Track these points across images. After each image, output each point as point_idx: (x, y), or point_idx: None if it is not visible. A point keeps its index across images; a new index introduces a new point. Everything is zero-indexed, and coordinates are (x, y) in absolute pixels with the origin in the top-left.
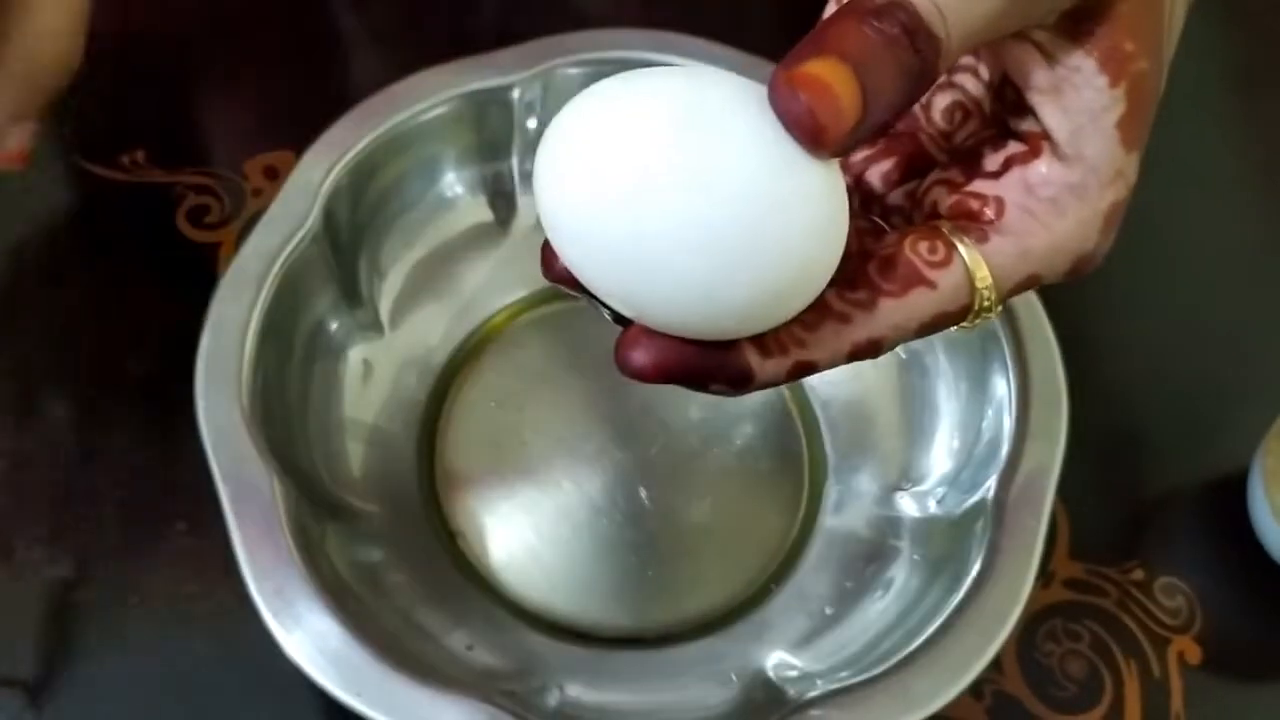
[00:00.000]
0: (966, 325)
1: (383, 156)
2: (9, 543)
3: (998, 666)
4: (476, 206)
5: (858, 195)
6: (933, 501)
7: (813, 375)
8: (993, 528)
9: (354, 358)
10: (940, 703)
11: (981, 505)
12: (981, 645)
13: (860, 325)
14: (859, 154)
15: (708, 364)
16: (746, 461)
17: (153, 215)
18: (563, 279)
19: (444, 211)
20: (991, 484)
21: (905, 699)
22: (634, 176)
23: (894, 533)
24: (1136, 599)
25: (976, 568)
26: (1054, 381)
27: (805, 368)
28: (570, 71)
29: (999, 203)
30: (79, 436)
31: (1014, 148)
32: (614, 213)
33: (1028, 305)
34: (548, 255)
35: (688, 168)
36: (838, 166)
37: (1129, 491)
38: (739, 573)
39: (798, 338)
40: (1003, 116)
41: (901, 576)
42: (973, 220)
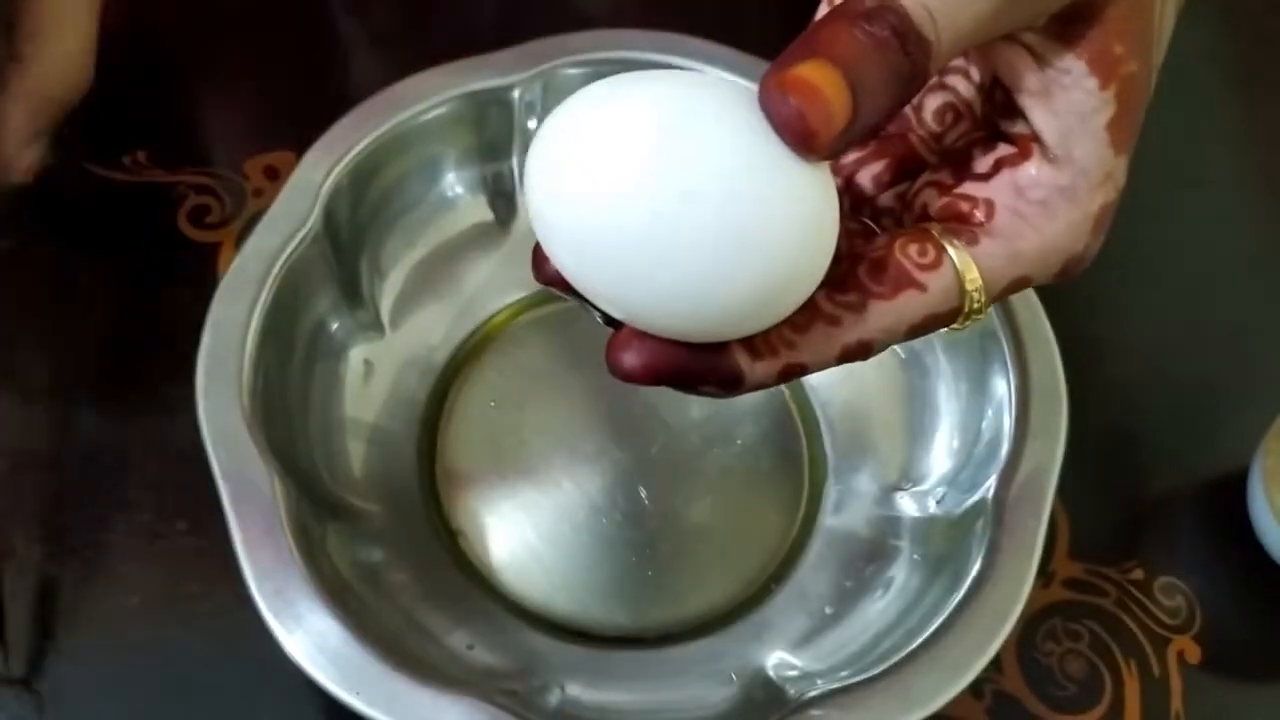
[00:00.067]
0: (957, 327)
1: (383, 157)
2: (9, 543)
3: (997, 666)
4: (477, 207)
5: (848, 197)
6: (933, 501)
7: (804, 377)
8: (993, 527)
9: (355, 357)
10: (940, 702)
11: (981, 505)
12: (981, 645)
13: (850, 327)
14: (850, 156)
15: (698, 366)
16: (746, 461)
17: (154, 215)
18: (553, 281)
19: (444, 212)
20: (991, 484)
21: (905, 698)
22: (624, 179)
23: (894, 532)
24: (1136, 599)
25: (976, 567)
26: (1054, 381)
27: (795, 369)
28: (570, 72)
29: (989, 205)
30: (79, 436)
31: (1004, 150)
32: (604, 215)
33: (1028, 305)
34: (538, 257)
35: (677, 170)
36: (828, 169)
37: (1129, 491)
38: (739, 572)
39: (788, 340)
40: (993, 118)
41: (901, 576)
42: (963, 222)
